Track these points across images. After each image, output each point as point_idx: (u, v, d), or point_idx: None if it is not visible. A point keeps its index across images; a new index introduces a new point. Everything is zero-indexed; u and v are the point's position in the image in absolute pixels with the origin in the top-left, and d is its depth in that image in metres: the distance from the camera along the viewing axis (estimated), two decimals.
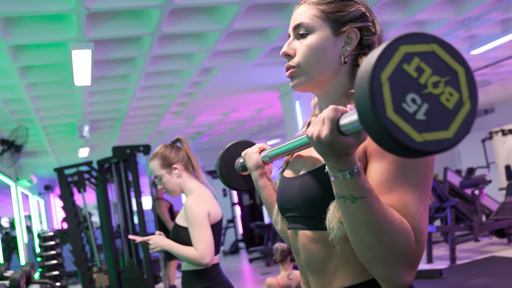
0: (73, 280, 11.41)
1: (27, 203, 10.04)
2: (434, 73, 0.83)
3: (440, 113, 0.83)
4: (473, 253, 7.51)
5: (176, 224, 2.70)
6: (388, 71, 0.81)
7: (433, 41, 0.84)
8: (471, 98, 0.85)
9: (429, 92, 0.82)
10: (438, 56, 0.84)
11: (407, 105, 0.81)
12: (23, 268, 4.65)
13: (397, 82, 0.81)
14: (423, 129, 0.81)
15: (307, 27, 1.24)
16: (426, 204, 1.09)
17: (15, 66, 4.73)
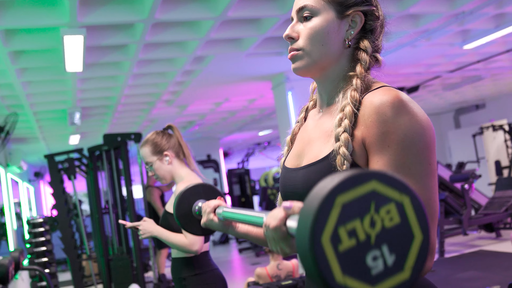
0: (62, 268, 11.38)
1: (17, 190, 10.00)
2: (363, 217, 0.76)
3: (398, 234, 0.77)
4: (461, 246, 7.56)
5: (166, 211, 2.70)
6: (337, 270, 0.75)
7: (370, 178, 0.78)
8: (421, 227, 0.79)
9: (375, 235, 0.76)
10: (347, 202, 0.77)
11: (376, 267, 0.75)
12: (12, 254, 4.62)
13: (351, 265, 0.75)
14: (402, 264, 0.77)
15: (312, 10, 1.23)
16: (433, 188, 1.10)
17: (6, 51, 4.68)
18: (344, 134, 1.13)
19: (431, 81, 9.28)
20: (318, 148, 1.22)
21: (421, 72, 8.37)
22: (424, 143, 1.09)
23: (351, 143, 1.13)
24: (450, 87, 10.08)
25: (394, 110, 1.09)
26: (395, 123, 1.08)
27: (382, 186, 0.77)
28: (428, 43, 6.48)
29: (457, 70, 8.50)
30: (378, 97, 1.12)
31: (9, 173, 8.50)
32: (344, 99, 1.18)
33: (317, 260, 0.74)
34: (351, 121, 1.13)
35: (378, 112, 1.10)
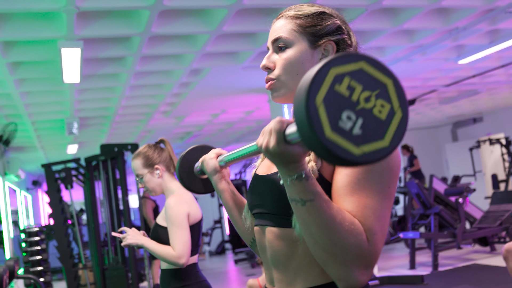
0: (58, 276, 11.40)
1: (15, 198, 10.04)
2: (365, 89, 0.90)
3: (374, 125, 0.89)
4: (455, 260, 7.59)
5: (156, 223, 2.75)
6: (321, 94, 0.87)
7: (360, 59, 0.90)
8: (402, 106, 0.92)
9: (362, 107, 0.89)
10: (367, 73, 0.90)
11: (343, 123, 0.87)
12: (7, 263, 4.67)
13: (332, 103, 0.87)
14: (360, 142, 0.87)
15: (286, 41, 1.29)
16: (386, 209, 1.13)
17: (5, 62, 4.75)
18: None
19: (427, 95, 9.34)
20: None
21: (417, 85, 8.43)
22: (388, 166, 1.14)
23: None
24: (447, 100, 10.14)
25: None
26: None
27: (370, 67, 0.91)
28: (423, 58, 6.55)
29: (453, 84, 8.57)
30: None
31: (6, 181, 8.54)
32: None
33: (316, 76, 0.87)
34: None
35: None
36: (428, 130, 15.18)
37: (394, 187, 1.16)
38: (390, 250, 9.62)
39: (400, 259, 8.33)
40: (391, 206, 1.16)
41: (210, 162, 1.54)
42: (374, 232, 1.09)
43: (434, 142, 15.24)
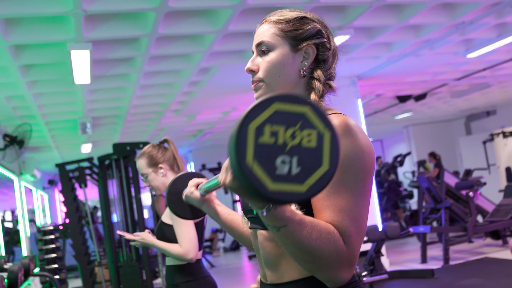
0: (75, 274, 11.57)
1: (31, 197, 10.20)
2: (287, 127, 0.93)
3: (309, 156, 0.94)
4: (467, 254, 7.60)
5: (161, 221, 2.82)
6: (250, 153, 0.90)
7: (272, 102, 0.94)
8: (327, 126, 0.96)
9: (291, 146, 0.93)
10: (283, 111, 0.94)
11: (280, 169, 0.91)
12: (22, 261, 4.78)
13: (262, 156, 0.91)
14: (303, 178, 0.93)
15: (268, 45, 1.36)
16: (362, 207, 1.21)
17: (16, 65, 4.85)
18: None
19: (438, 89, 9.34)
20: None
21: (427, 80, 8.43)
22: (362, 165, 1.21)
23: None
24: (458, 94, 10.12)
25: (339, 133, 1.20)
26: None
27: (283, 105, 0.94)
28: (431, 52, 6.57)
29: (464, 78, 8.56)
30: None
31: (22, 181, 8.69)
32: None
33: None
34: None
35: None
36: (442, 123, 15.13)
37: (369, 184, 1.23)
38: (402, 244, 9.64)
39: (412, 253, 8.35)
40: (368, 203, 1.23)
41: (191, 196, 1.62)
42: (350, 234, 1.17)
43: (448, 136, 15.19)
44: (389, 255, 8.24)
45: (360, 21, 5.03)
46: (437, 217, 7.52)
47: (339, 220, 1.17)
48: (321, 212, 1.19)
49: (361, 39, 5.67)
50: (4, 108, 6.43)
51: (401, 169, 14.94)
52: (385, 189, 11.68)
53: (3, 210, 7.64)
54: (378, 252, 6.50)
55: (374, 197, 7.41)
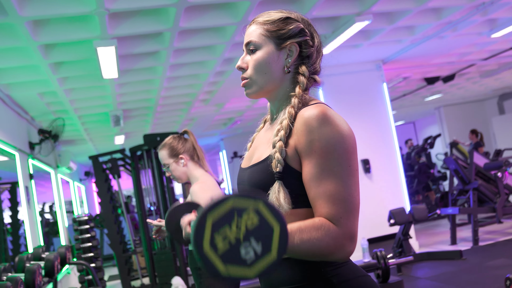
0: (112, 263, 11.91)
1: (68, 189, 10.53)
2: (230, 224, 1.07)
3: (260, 232, 1.08)
4: (497, 234, 7.59)
5: None
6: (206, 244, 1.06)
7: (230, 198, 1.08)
8: (278, 219, 1.09)
9: (242, 235, 1.07)
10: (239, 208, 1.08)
11: (245, 255, 1.06)
12: (59, 250, 5.02)
13: (226, 253, 1.07)
14: (252, 263, 1.07)
15: (255, 44, 1.50)
16: (351, 186, 1.34)
17: (47, 63, 5.06)
18: (279, 143, 1.40)
19: (466, 70, 9.27)
20: (261, 152, 1.50)
21: (453, 61, 8.39)
22: (344, 149, 1.34)
23: (285, 149, 1.39)
24: (488, 74, 10.02)
25: (319, 122, 1.34)
26: (319, 132, 1.34)
27: (239, 201, 1.07)
28: (454, 34, 6.54)
29: (491, 57, 8.48)
30: (307, 111, 1.38)
31: (59, 173, 8.99)
32: (283, 115, 1.45)
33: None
34: (286, 132, 1.40)
35: (306, 123, 1.36)
36: (474, 104, 14.95)
37: (354, 163, 1.36)
38: (433, 226, 9.66)
39: (442, 235, 8.37)
40: (357, 180, 1.37)
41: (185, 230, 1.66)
42: (340, 216, 1.31)
43: (481, 116, 15.00)
44: (420, 238, 8.28)
45: (379, 6, 5.08)
46: (466, 199, 7.52)
47: (329, 206, 1.31)
48: (314, 202, 1.34)
49: (382, 24, 5.70)
50: (38, 104, 6.69)
51: (434, 151, 14.83)
52: (415, 172, 11.66)
53: (42, 203, 7.94)
54: (406, 235, 6.57)
55: (401, 179, 7.46)
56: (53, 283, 4.90)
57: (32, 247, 5.48)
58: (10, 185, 5.82)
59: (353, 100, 7.35)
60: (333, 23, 5.52)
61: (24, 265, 4.14)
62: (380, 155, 7.39)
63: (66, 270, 7.00)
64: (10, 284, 3.19)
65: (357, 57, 7.16)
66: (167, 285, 6.80)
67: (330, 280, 1.38)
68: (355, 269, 1.43)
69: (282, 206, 1.34)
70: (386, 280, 5.12)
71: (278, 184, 1.36)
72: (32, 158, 6.64)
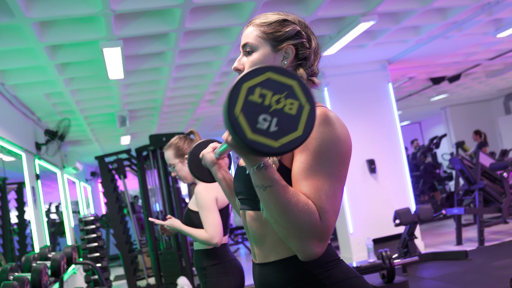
0: (118, 263, 11.95)
1: (74, 189, 10.56)
2: (275, 94, 1.12)
3: (287, 120, 1.13)
4: (503, 235, 7.57)
5: (188, 208, 3.00)
6: (239, 106, 1.10)
7: (266, 70, 1.13)
8: (308, 100, 1.14)
9: (274, 109, 1.12)
10: (274, 80, 1.13)
11: (261, 124, 1.10)
12: (65, 250, 5.04)
13: (248, 111, 1.10)
14: (278, 136, 1.11)
15: (252, 46, 1.51)
16: (337, 190, 1.34)
17: (53, 64, 5.09)
18: None
19: (472, 69, 9.26)
20: None
21: (459, 61, 8.38)
22: (337, 152, 1.35)
23: None
24: (494, 74, 10.01)
25: (319, 121, 1.35)
26: (317, 131, 1.34)
27: (275, 75, 1.14)
28: (460, 34, 6.54)
29: (497, 57, 8.47)
30: None
31: (65, 174, 9.03)
32: None
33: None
34: None
35: None
36: (480, 103, 14.92)
37: (344, 170, 1.36)
38: (439, 226, 9.64)
39: (448, 235, 8.36)
40: (342, 187, 1.37)
41: (207, 156, 1.78)
42: (326, 210, 1.30)
43: (487, 116, 14.96)
44: (425, 238, 8.27)
45: (384, 6, 5.08)
46: (472, 199, 7.50)
47: (316, 197, 1.30)
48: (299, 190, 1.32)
49: (387, 24, 5.71)
50: (44, 105, 6.72)
51: (440, 151, 14.81)
52: (421, 172, 11.64)
53: (49, 203, 7.97)
54: (411, 235, 6.56)
55: (407, 180, 7.46)
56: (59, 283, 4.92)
57: (39, 247, 5.52)
58: (17, 185, 5.84)
59: (358, 100, 7.35)
60: (338, 23, 5.53)
61: (31, 265, 4.16)
62: (385, 155, 7.39)
63: (72, 270, 7.03)
64: (17, 283, 3.21)
65: (362, 57, 7.16)
66: (172, 285, 6.82)
67: (322, 281, 1.39)
68: (348, 270, 1.44)
69: None
70: (391, 280, 5.11)
71: None
72: (38, 159, 6.68)
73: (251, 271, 1.65)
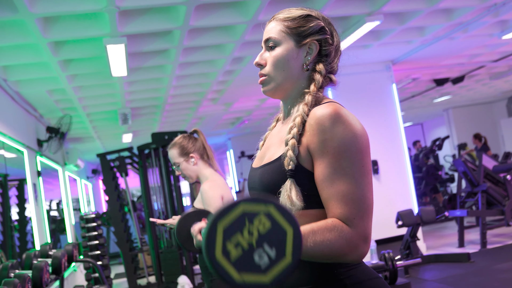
0: (119, 261, 11.92)
1: (75, 187, 10.54)
2: (241, 231, 1.04)
3: (273, 236, 1.05)
4: (505, 238, 7.54)
5: (194, 207, 2.97)
6: (218, 252, 1.03)
7: (240, 203, 1.05)
8: (290, 223, 1.06)
9: (255, 240, 1.03)
10: (248, 212, 1.05)
11: (259, 261, 1.03)
12: (66, 248, 5.01)
13: (238, 260, 1.03)
14: (266, 269, 1.04)
15: (275, 41, 1.47)
16: (365, 186, 1.32)
17: (56, 60, 5.05)
18: (292, 140, 1.37)
19: (476, 71, 9.22)
20: (273, 151, 1.47)
21: (463, 62, 8.34)
22: (357, 148, 1.31)
23: (297, 147, 1.36)
24: (498, 76, 9.97)
25: (332, 121, 1.31)
26: (332, 132, 1.31)
27: (249, 205, 1.04)
28: (465, 35, 6.51)
29: (502, 59, 8.44)
30: (320, 110, 1.35)
31: (66, 171, 9.00)
32: (296, 111, 1.43)
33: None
34: (299, 130, 1.38)
35: (318, 122, 1.33)
36: (482, 106, 14.88)
37: (368, 163, 1.34)
38: (441, 228, 9.61)
39: (450, 237, 8.33)
40: (370, 181, 1.34)
41: (196, 238, 1.65)
42: (353, 217, 1.28)
43: (489, 118, 14.93)
44: (427, 240, 8.24)
45: (390, 6, 5.05)
46: (474, 201, 7.47)
47: (342, 207, 1.29)
48: (326, 202, 1.32)
49: (392, 24, 5.67)
50: (47, 102, 6.70)
51: (442, 153, 14.77)
52: (423, 174, 11.61)
53: (50, 200, 7.95)
54: (414, 237, 6.53)
55: (410, 181, 7.42)
56: (60, 280, 4.89)
57: (39, 244, 5.49)
58: (18, 182, 5.82)
59: (362, 101, 7.32)
60: (344, 22, 5.49)
61: (32, 262, 4.13)
62: (388, 156, 7.36)
63: (73, 267, 7.00)
64: (18, 281, 3.18)
65: (366, 58, 7.13)
66: (173, 284, 6.79)
67: (343, 281, 1.36)
68: (368, 271, 1.42)
69: (295, 203, 1.32)
70: (393, 282, 5.08)
71: (290, 182, 1.34)
72: (40, 155, 6.65)
73: None
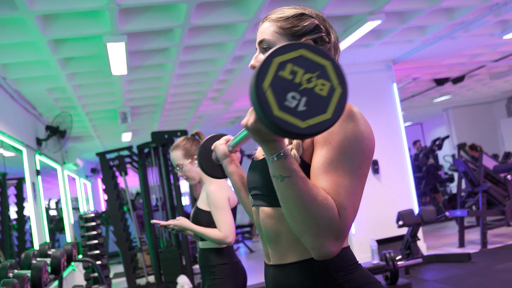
0: (118, 260, 11.89)
1: (74, 186, 10.51)
2: (306, 72, 1.05)
3: (317, 101, 1.05)
4: (506, 238, 7.52)
5: (197, 207, 2.96)
6: (268, 80, 1.02)
7: (300, 47, 1.06)
8: (341, 83, 1.07)
9: (304, 87, 1.05)
10: (307, 58, 1.06)
11: (289, 102, 1.03)
12: (65, 247, 4.98)
13: (277, 86, 1.03)
14: (305, 117, 1.04)
15: (269, 42, 1.44)
16: (357, 187, 1.27)
17: (56, 58, 5.03)
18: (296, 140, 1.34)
19: (476, 71, 9.20)
20: None
21: (464, 62, 8.32)
22: (360, 149, 1.28)
23: (302, 144, 1.34)
24: (498, 75, 9.95)
25: (344, 116, 1.29)
26: (340, 126, 1.28)
27: (309, 53, 1.07)
28: (466, 35, 6.49)
29: (502, 59, 8.42)
30: None
31: (65, 170, 8.97)
32: None
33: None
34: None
35: None
36: (482, 106, 14.86)
37: (365, 168, 1.30)
38: (441, 228, 9.59)
39: (450, 237, 8.31)
40: (363, 186, 1.30)
41: (220, 148, 1.72)
42: (345, 207, 1.23)
43: (489, 118, 14.91)
44: (427, 240, 8.22)
45: (391, 5, 5.02)
46: (475, 201, 7.45)
47: (336, 193, 1.23)
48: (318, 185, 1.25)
49: (394, 24, 5.65)
50: (46, 100, 6.66)
51: (441, 153, 14.75)
52: (423, 173, 11.59)
53: (48, 199, 7.92)
54: (414, 237, 6.51)
55: (410, 181, 7.40)
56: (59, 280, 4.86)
57: (38, 243, 5.46)
58: (17, 180, 5.79)
59: (362, 100, 7.29)
60: (345, 22, 5.47)
61: (30, 262, 4.10)
62: (389, 156, 7.33)
63: (72, 267, 6.97)
64: (17, 281, 3.16)
65: (367, 57, 7.10)
66: (172, 283, 6.76)
67: (342, 285, 1.33)
68: (367, 275, 1.39)
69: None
70: (394, 282, 5.07)
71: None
72: (39, 154, 6.62)
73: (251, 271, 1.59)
